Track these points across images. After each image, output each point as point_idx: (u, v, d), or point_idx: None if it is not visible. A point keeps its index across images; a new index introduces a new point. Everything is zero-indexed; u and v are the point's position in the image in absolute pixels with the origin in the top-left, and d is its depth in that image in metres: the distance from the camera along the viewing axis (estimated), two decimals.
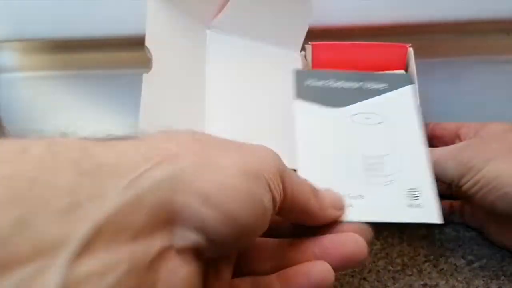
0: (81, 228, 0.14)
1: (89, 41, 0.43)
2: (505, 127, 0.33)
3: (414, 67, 0.36)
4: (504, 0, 0.35)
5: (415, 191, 0.28)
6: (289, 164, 0.34)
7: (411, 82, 0.34)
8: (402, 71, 0.36)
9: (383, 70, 0.37)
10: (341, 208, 0.25)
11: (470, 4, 0.35)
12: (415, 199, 0.28)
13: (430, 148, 0.33)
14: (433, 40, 0.38)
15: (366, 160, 0.29)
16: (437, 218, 0.27)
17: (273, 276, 0.22)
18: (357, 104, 0.32)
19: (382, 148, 0.30)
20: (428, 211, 0.27)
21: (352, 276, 0.35)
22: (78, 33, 0.40)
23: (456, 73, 0.40)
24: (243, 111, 0.35)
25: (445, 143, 0.37)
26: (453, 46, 0.39)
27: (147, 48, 0.29)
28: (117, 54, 0.45)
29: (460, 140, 0.35)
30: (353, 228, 0.24)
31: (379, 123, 0.31)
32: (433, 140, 0.37)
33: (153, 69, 0.29)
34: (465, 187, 0.31)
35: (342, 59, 0.37)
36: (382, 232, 0.37)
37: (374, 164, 0.29)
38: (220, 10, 0.34)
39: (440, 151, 0.32)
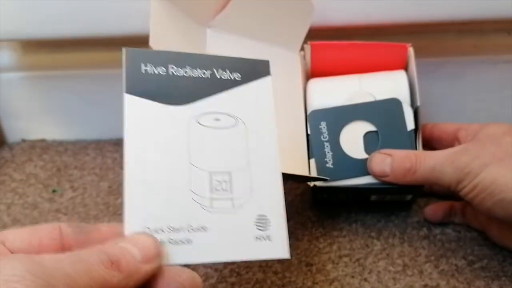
0: None
1: (90, 41, 0.43)
2: (504, 129, 0.32)
3: (414, 67, 0.35)
4: None
5: (264, 219, 0.25)
6: (298, 169, 0.34)
7: (268, 73, 0.28)
8: (265, 58, 0.30)
9: (383, 70, 0.37)
10: (153, 259, 0.22)
11: (471, 4, 0.35)
12: (264, 229, 0.25)
13: (428, 152, 0.32)
14: (433, 39, 0.38)
15: (212, 177, 0.25)
16: (285, 253, 0.24)
17: None
18: (206, 100, 0.26)
19: (232, 162, 0.25)
20: (276, 244, 0.24)
21: (352, 277, 0.34)
22: (78, 32, 0.40)
23: (456, 73, 0.40)
24: None
25: (444, 145, 0.36)
26: (454, 45, 0.39)
27: (151, 47, 0.29)
28: (118, 54, 0.45)
29: (459, 143, 0.35)
30: (181, 280, 0.22)
31: (231, 127, 0.26)
32: (432, 142, 0.37)
33: None
34: (462, 192, 0.31)
35: (341, 59, 0.37)
36: (382, 232, 0.37)
37: (221, 183, 0.25)
38: (220, 10, 0.34)
39: (437, 155, 0.32)
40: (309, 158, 0.35)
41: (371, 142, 0.35)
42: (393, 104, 0.35)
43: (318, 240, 0.37)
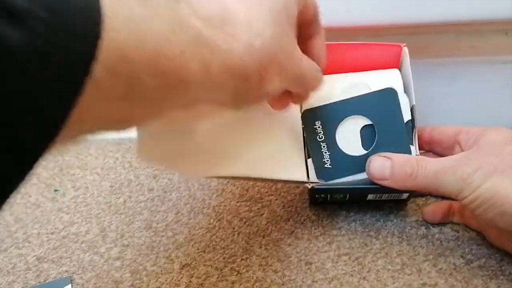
0: None
1: None
2: (505, 137, 0.32)
3: (408, 66, 0.35)
4: (502, 0, 0.35)
5: None
6: (296, 172, 0.34)
7: None
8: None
9: (378, 69, 0.37)
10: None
11: (468, 5, 0.35)
12: None
13: (428, 158, 0.32)
14: (431, 40, 0.39)
15: None
16: None
17: None
18: None
19: None
20: None
21: (352, 275, 0.35)
22: None
23: (454, 74, 0.40)
24: None
25: (444, 148, 0.36)
26: (451, 46, 0.39)
27: None
28: None
29: (460, 146, 0.35)
30: None
31: None
32: (432, 145, 0.37)
33: None
34: (464, 202, 0.31)
35: (337, 59, 0.37)
36: (381, 231, 0.37)
37: None
38: None
39: (439, 162, 0.32)
40: (306, 158, 0.35)
41: (368, 136, 0.34)
42: (388, 95, 0.34)
43: (318, 239, 0.37)
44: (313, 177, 0.35)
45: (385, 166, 0.33)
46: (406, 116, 0.34)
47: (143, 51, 0.17)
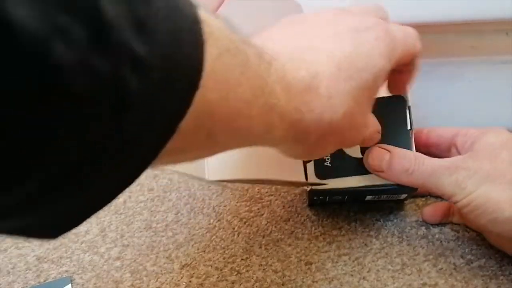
0: None
1: None
2: (502, 140, 0.32)
3: None
4: (503, 0, 0.35)
5: None
6: (293, 173, 0.34)
7: None
8: None
9: None
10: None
11: (469, 5, 0.35)
12: None
13: (428, 157, 0.32)
14: (431, 40, 0.39)
15: None
16: None
17: None
18: None
19: None
20: None
21: (352, 275, 0.35)
22: None
23: (454, 73, 0.40)
24: None
25: (441, 151, 0.36)
26: (451, 46, 0.39)
27: None
28: None
29: (457, 149, 0.35)
30: None
31: None
32: (429, 147, 0.37)
33: None
34: (457, 205, 0.31)
35: None
36: (381, 231, 0.37)
37: None
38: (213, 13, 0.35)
39: (437, 162, 0.32)
40: None
41: None
42: (397, 102, 0.34)
43: (318, 239, 0.37)
44: (311, 173, 0.35)
45: (383, 158, 0.33)
46: (409, 124, 0.34)
47: (226, 110, 0.19)
